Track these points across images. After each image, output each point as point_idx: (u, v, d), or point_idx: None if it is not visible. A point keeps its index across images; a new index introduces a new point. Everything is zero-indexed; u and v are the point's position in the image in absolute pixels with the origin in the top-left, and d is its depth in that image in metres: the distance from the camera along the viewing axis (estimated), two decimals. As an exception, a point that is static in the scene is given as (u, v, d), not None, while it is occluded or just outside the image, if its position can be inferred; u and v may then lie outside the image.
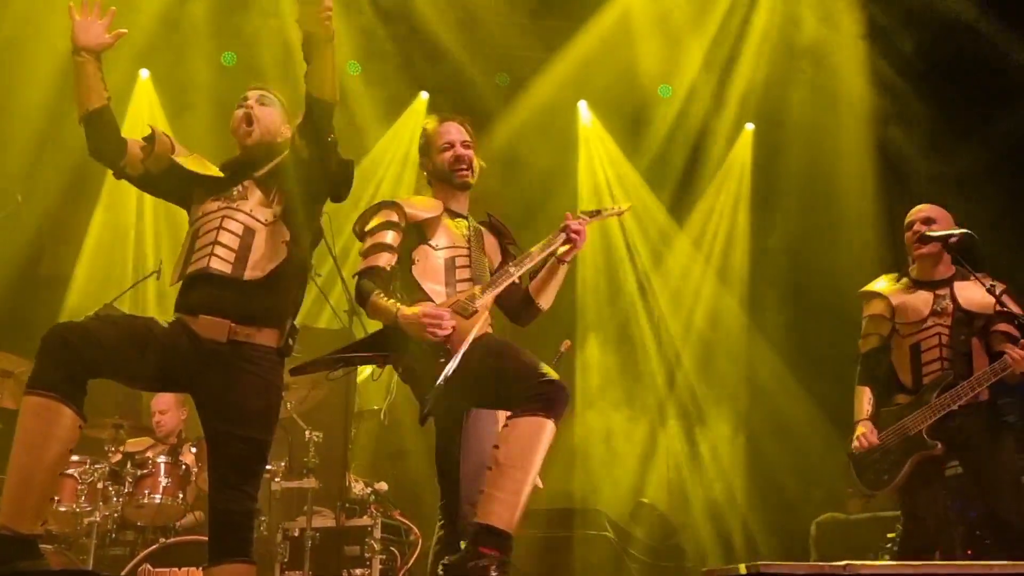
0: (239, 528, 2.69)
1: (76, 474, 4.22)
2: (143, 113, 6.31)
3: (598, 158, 7.24)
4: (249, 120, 2.81)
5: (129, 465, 4.39)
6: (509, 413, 2.56)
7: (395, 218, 2.84)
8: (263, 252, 2.72)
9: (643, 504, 6.22)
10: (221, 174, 2.86)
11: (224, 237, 2.71)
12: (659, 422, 6.79)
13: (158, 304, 5.59)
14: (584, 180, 7.17)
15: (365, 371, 5.34)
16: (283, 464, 4.73)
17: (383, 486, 5.08)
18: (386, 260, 2.79)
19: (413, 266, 2.83)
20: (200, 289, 2.70)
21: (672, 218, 7.26)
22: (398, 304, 2.66)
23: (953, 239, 3.30)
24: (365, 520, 4.69)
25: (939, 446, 3.22)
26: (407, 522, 4.98)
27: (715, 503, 6.78)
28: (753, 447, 6.96)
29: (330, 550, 4.56)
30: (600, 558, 5.46)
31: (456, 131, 2.99)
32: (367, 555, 4.55)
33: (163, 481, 4.38)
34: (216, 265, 2.66)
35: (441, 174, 2.96)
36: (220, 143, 3.89)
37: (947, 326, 3.31)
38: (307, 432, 4.75)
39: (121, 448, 4.51)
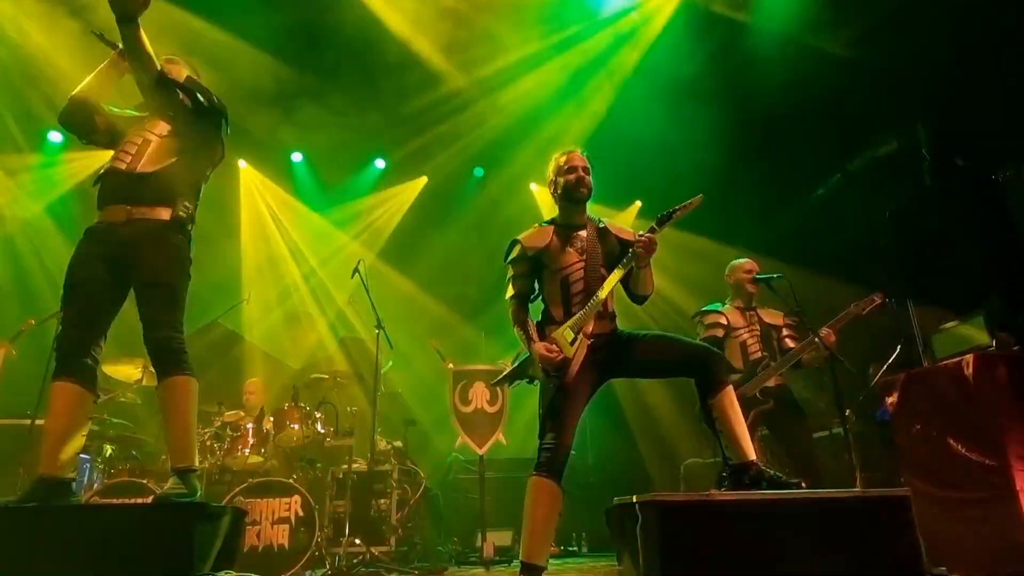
0: (173, 352, 2.92)
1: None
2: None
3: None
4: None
5: (228, 429, 5.20)
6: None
7: (519, 252, 3.23)
8: (154, 156, 3.10)
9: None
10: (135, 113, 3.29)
11: (127, 147, 3.15)
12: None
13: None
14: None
15: (388, 364, 6.20)
16: (332, 428, 5.44)
17: (399, 443, 5.74)
18: (519, 287, 3.21)
19: (543, 288, 3.23)
20: (107, 185, 3.08)
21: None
22: (532, 338, 3.07)
23: (774, 280, 4.53)
24: (387, 467, 5.33)
25: (771, 402, 4.32)
26: (415, 467, 5.63)
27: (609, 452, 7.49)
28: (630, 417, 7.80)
29: (363, 486, 5.21)
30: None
31: (579, 159, 3.30)
32: (388, 490, 5.22)
33: (251, 440, 5.15)
34: (118, 165, 3.12)
35: (566, 192, 3.28)
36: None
37: (758, 331, 4.65)
38: (349, 408, 5.56)
39: (221, 418, 5.36)
